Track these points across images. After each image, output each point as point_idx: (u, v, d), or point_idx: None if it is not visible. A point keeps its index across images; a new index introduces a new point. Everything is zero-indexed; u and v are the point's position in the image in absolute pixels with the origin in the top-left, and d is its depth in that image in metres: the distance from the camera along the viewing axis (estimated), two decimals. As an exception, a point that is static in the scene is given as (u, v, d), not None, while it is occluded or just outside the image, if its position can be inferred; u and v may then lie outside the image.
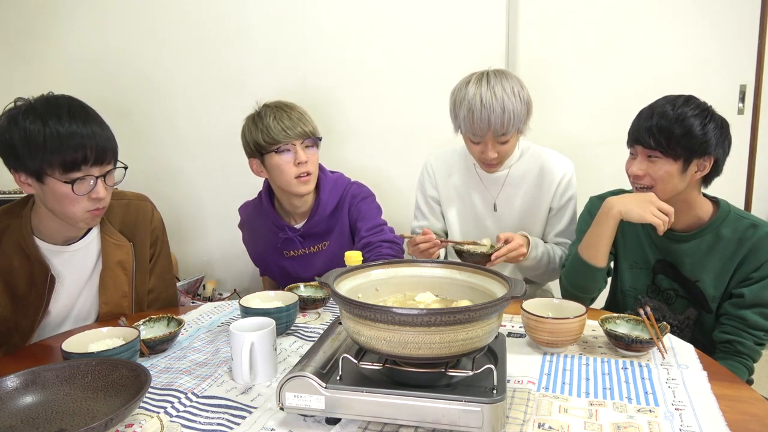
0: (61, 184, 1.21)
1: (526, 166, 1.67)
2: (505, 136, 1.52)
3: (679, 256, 1.41)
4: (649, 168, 1.34)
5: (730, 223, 1.35)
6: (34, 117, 1.18)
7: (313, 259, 1.80)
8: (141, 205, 1.52)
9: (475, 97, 1.48)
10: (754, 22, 1.98)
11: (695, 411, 0.92)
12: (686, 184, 1.33)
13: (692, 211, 1.38)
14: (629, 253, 1.50)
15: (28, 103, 1.23)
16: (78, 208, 1.25)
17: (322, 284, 1.40)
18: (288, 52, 2.19)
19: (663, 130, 1.29)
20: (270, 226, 1.79)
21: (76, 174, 1.21)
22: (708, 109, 1.31)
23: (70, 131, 1.18)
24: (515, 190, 1.68)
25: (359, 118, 2.19)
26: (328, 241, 1.77)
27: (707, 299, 1.39)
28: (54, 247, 1.36)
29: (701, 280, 1.39)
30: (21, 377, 0.95)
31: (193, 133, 2.35)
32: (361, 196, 1.78)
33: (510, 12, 2.05)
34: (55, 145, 1.17)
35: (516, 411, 0.92)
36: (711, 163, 1.32)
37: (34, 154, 1.18)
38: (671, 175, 1.32)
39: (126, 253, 1.45)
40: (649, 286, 1.49)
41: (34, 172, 1.20)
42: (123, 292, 1.46)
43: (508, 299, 0.86)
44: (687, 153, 1.29)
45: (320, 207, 1.72)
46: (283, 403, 0.88)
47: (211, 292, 2.31)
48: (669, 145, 1.29)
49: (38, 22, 2.36)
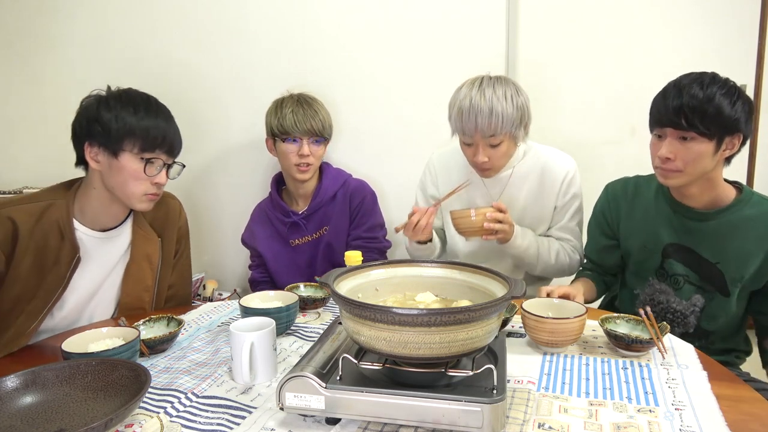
0: (135, 161, 1.36)
1: (528, 165, 1.67)
2: (494, 138, 1.51)
3: (698, 237, 1.39)
4: (681, 150, 1.30)
5: (753, 204, 1.34)
6: (125, 103, 1.36)
7: (316, 246, 1.95)
8: (171, 203, 1.62)
9: (465, 98, 1.51)
10: (754, 22, 1.98)
11: (695, 411, 0.92)
12: (715, 163, 1.31)
13: (715, 190, 1.36)
14: (637, 235, 1.49)
15: (117, 92, 1.39)
16: (140, 187, 1.38)
17: (322, 284, 1.41)
18: (288, 52, 2.19)
19: (695, 110, 1.26)
20: (278, 216, 1.97)
21: (150, 155, 1.37)
22: (734, 86, 1.29)
23: (157, 123, 1.38)
24: (518, 190, 1.68)
25: (359, 119, 2.18)
26: (328, 226, 1.94)
27: (726, 282, 1.37)
28: (90, 232, 1.42)
29: (722, 261, 1.37)
30: (21, 377, 0.95)
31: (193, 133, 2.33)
32: (368, 190, 1.98)
33: (510, 12, 2.05)
34: (143, 130, 1.35)
35: (516, 411, 0.92)
36: (740, 140, 1.30)
37: (122, 133, 1.34)
38: (704, 155, 1.29)
39: (154, 247, 1.52)
40: (657, 269, 1.47)
41: (113, 148, 1.34)
42: (146, 285, 1.51)
43: (508, 299, 0.86)
44: (721, 132, 1.27)
45: (322, 191, 1.93)
46: (283, 403, 0.88)
47: (211, 292, 2.31)
48: (704, 125, 1.26)
49: (38, 22, 2.35)
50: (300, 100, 1.87)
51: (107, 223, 1.46)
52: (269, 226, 1.99)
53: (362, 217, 1.94)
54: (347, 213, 1.95)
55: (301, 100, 1.87)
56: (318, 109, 1.87)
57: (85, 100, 1.39)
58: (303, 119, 1.82)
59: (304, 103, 1.87)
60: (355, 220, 1.94)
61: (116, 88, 1.41)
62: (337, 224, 1.94)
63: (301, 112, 1.83)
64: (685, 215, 1.40)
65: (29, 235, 1.34)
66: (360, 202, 1.94)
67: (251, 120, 2.20)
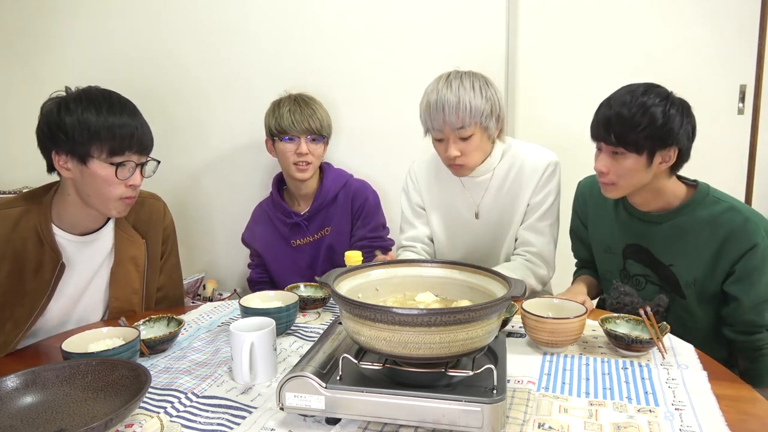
0: (104, 167, 1.30)
1: (507, 165, 1.62)
2: (464, 131, 1.48)
3: (652, 239, 1.38)
4: (613, 164, 1.30)
5: (706, 205, 1.32)
6: (87, 104, 1.28)
7: (317, 247, 1.95)
8: (155, 203, 1.58)
9: (432, 92, 1.51)
10: (754, 22, 1.98)
11: (695, 411, 0.92)
12: (651, 175, 1.30)
13: (662, 197, 1.35)
14: (601, 237, 1.49)
15: (76, 93, 1.31)
16: (114, 192, 1.33)
17: (322, 284, 1.41)
18: (288, 52, 2.19)
19: (624, 124, 1.24)
20: (280, 216, 1.96)
21: (120, 158, 1.31)
22: (668, 96, 1.26)
23: (122, 121, 1.30)
24: (498, 192, 1.62)
25: (359, 118, 2.18)
26: (330, 227, 1.94)
27: (680, 285, 1.36)
28: (70, 237, 1.39)
29: (675, 264, 1.36)
30: (21, 377, 0.95)
31: (193, 133, 2.35)
32: (370, 190, 1.97)
33: (510, 13, 2.05)
34: (108, 131, 1.28)
35: (516, 411, 0.92)
36: (675, 153, 1.28)
37: (87, 138, 1.27)
38: (635, 170, 1.28)
39: (139, 249, 1.49)
40: (621, 271, 1.47)
41: (80, 155, 1.28)
42: (134, 288, 1.49)
43: (508, 299, 0.86)
44: (651, 145, 1.25)
45: (323, 192, 1.92)
46: (283, 403, 0.88)
47: (211, 292, 2.31)
48: (631, 140, 1.25)
49: (38, 22, 2.35)
50: (297, 100, 1.88)
51: (87, 227, 1.42)
52: (270, 226, 1.99)
53: (365, 218, 1.93)
54: (349, 214, 1.94)
55: (298, 100, 1.88)
56: (316, 108, 1.88)
57: (45, 104, 1.31)
58: (300, 118, 1.83)
59: (302, 102, 1.87)
60: (358, 221, 1.94)
61: (76, 88, 1.33)
62: (339, 225, 1.94)
63: (299, 111, 1.84)
64: (639, 218, 1.39)
65: (6, 241, 1.32)
66: (362, 203, 1.93)
67: (251, 120, 2.20)
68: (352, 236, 1.95)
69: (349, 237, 1.95)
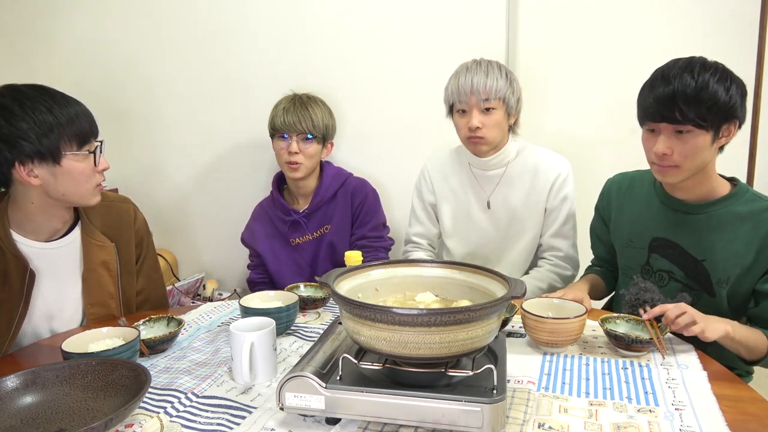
0: (79, 159, 1.28)
1: (521, 165, 1.69)
2: (488, 102, 1.58)
3: (684, 232, 1.33)
4: (678, 144, 1.22)
5: (746, 201, 1.27)
6: (32, 104, 1.23)
7: (318, 245, 1.96)
8: (123, 207, 1.53)
9: (462, 69, 1.64)
10: (754, 22, 1.98)
11: (695, 411, 0.92)
12: (712, 154, 1.25)
13: (709, 182, 1.29)
14: (624, 231, 1.46)
15: (9, 97, 1.24)
16: (91, 183, 1.32)
17: (322, 284, 1.41)
18: (288, 52, 2.19)
19: (689, 101, 1.17)
20: (279, 214, 1.97)
21: (89, 146, 1.30)
22: (725, 69, 1.22)
23: (75, 110, 1.28)
24: (510, 189, 1.69)
25: (360, 118, 2.18)
26: (330, 224, 1.94)
27: (712, 282, 1.30)
28: (34, 243, 1.35)
29: (708, 259, 1.30)
30: (21, 377, 0.95)
31: (193, 133, 2.35)
32: (369, 188, 1.98)
33: (510, 12, 2.05)
34: (70, 123, 1.26)
35: (516, 411, 0.92)
36: (736, 127, 1.24)
37: (54, 136, 1.23)
38: (703, 148, 1.21)
39: (109, 253, 1.45)
40: (643, 266, 1.42)
41: (52, 155, 1.24)
42: (109, 293, 1.44)
43: (508, 299, 0.86)
44: (718, 121, 1.19)
45: (322, 189, 1.93)
46: (283, 403, 0.88)
47: (211, 292, 2.31)
48: (700, 116, 1.17)
49: (38, 21, 2.35)
50: (296, 99, 1.89)
51: (52, 231, 1.37)
52: (269, 225, 1.99)
53: (365, 216, 1.94)
54: (349, 212, 1.95)
55: (296, 100, 1.89)
56: (313, 108, 1.88)
57: None
58: (293, 117, 1.84)
59: (299, 102, 1.88)
60: (358, 219, 1.95)
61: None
62: (340, 223, 1.94)
63: (293, 110, 1.85)
64: (675, 207, 1.35)
65: None
66: (362, 201, 1.94)
67: (251, 120, 2.20)
68: (353, 234, 1.95)
69: (350, 234, 1.95)
